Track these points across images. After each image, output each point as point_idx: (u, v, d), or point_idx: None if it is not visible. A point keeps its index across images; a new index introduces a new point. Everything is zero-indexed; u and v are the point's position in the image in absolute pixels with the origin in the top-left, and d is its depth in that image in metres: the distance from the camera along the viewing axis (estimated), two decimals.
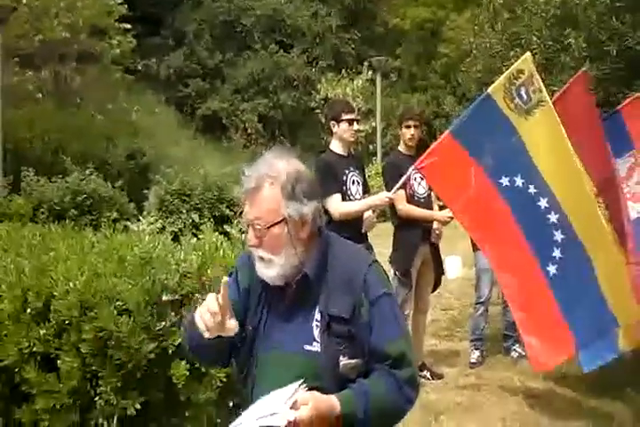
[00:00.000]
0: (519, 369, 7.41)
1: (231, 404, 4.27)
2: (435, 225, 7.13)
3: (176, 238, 5.30)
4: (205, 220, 13.98)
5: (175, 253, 4.45)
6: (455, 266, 12.23)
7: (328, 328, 2.68)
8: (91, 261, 4.38)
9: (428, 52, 39.10)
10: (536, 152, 5.93)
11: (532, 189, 5.95)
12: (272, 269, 2.71)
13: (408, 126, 7.22)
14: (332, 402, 2.55)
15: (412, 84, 40.49)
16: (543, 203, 5.93)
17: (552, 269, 5.91)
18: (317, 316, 2.72)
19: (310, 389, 2.56)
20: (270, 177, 2.68)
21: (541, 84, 5.95)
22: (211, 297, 2.57)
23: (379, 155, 29.37)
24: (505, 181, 6.00)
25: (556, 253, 5.91)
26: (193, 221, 14.22)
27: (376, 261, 2.88)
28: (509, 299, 6.32)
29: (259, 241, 2.70)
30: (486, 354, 8.00)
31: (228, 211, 14.72)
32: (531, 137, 5.94)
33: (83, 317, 4.06)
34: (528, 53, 6.12)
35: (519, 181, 5.99)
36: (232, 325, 2.60)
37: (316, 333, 2.71)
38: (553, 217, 5.91)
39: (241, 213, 2.81)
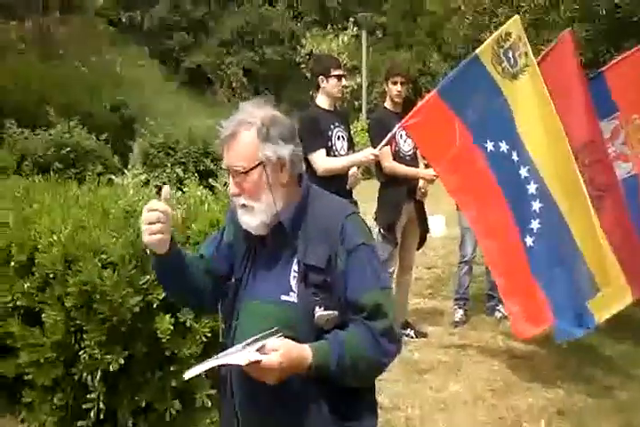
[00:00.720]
0: (502, 329, 7.45)
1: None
2: (420, 183, 7.11)
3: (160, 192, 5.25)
4: (190, 174, 13.94)
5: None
6: (439, 225, 12.24)
7: (305, 278, 2.66)
8: (75, 214, 4.34)
9: (414, 9, 38.78)
10: (520, 117, 5.94)
11: (514, 157, 5.97)
12: (254, 218, 2.70)
13: (395, 82, 7.16)
14: (304, 352, 2.53)
15: (397, 42, 40.33)
16: (523, 172, 5.96)
17: (529, 240, 5.96)
18: (295, 266, 2.70)
19: (285, 338, 2.54)
20: (246, 123, 2.67)
21: (528, 47, 5.91)
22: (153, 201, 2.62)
23: (364, 111, 29.35)
24: (490, 145, 5.99)
25: (534, 224, 5.95)
26: (177, 175, 14.14)
27: (356, 212, 2.83)
28: (491, 264, 6.37)
29: (239, 188, 2.69)
30: (470, 313, 8.04)
31: (212, 165, 14.64)
32: (516, 100, 5.93)
33: (67, 270, 4.03)
34: (517, 16, 6.09)
35: (504, 147, 5.99)
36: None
37: (294, 283, 2.69)
38: (532, 187, 5.93)
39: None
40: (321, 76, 6.38)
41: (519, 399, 6.08)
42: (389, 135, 6.15)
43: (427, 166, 7.16)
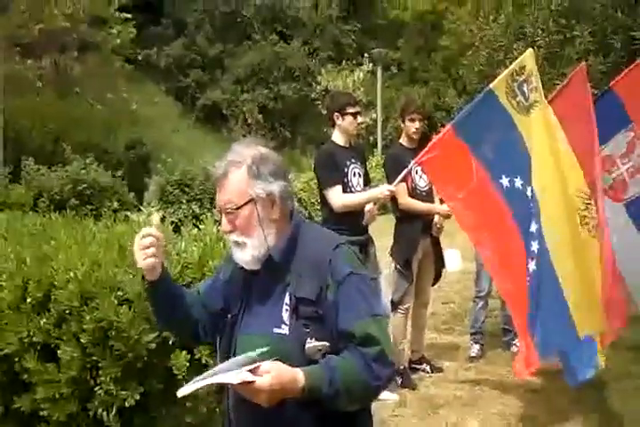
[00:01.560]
0: None
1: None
2: (435, 218, 7.12)
3: (176, 229, 5.27)
4: (205, 210, 14.01)
5: (176, 244, 4.44)
6: (454, 259, 12.17)
7: (296, 310, 2.71)
8: (91, 251, 4.37)
9: (429, 45, 39.07)
10: (533, 152, 5.90)
11: (529, 192, 5.91)
12: (246, 253, 2.78)
13: (412, 120, 7.17)
14: (297, 375, 2.54)
15: (412, 77, 40.55)
16: (532, 208, 5.92)
17: (529, 280, 5.81)
18: (287, 299, 2.75)
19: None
20: (236, 162, 2.76)
21: (539, 82, 5.91)
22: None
23: (379, 146, 29.41)
24: (505, 181, 5.95)
25: (531, 264, 5.83)
26: (193, 211, 14.24)
27: (344, 243, 2.89)
28: (512, 308, 6.19)
29: (232, 226, 2.77)
30: (486, 348, 8.01)
31: None
32: (529, 135, 5.91)
33: (83, 307, 4.04)
34: (530, 50, 6.09)
35: (518, 183, 5.94)
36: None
37: (285, 316, 2.74)
38: (533, 226, 5.86)
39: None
40: (336, 114, 6.45)
41: None
42: (405, 171, 6.17)
43: (442, 202, 7.15)
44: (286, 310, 2.74)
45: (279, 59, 38.25)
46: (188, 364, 4.01)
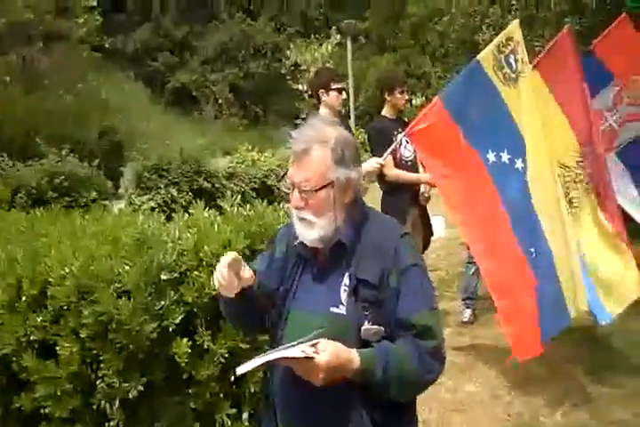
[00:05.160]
0: None
1: (233, 378, 4.25)
2: (422, 188, 7.12)
3: (168, 217, 5.22)
4: (184, 194, 13.98)
5: (170, 232, 4.40)
6: (439, 225, 12.21)
7: (355, 292, 2.72)
8: (84, 245, 4.32)
9: (396, 13, 38.95)
10: (521, 124, 5.87)
11: (518, 164, 5.86)
12: (313, 232, 2.78)
13: (402, 92, 7.23)
14: (352, 355, 2.58)
15: (381, 46, 40.48)
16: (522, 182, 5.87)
17: (533, 251, 5.78)
18: (346, 280, 2.76)
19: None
20: (320, 141, 2.73)
21: (525, 53, 5.89)
22: (223, 258, 2.76)
23: (352, 118, 29.35)
24: (491, 156, 5.92)
25: (525, 244, 5.77)
26: (171, 195, 14.16)
27: (408, 233, 2.91)
28: (491, 287, 6.05)
29: (304, 203, 2.76)
30: (478, 313, 8.03)
31: (206, 183, 14.68)
32: (517, 107, 5.87)
33: (81, 301, 4.01)
34: (517, 20, 6.07)
35: (505, 157, 5.90)
36: (247, 274, 2.81)
37: (344, 296, 2.75)
38: (523, 201, 5.84)
39: (283, 175, 2.87)
40: (321, 90, 6.51)
41: (535, 394, 6.12)
42: (394, 144, 6.18)
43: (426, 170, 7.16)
44: (344, 290, 2.75)
45: (247, 36, 38.14)
46: (190, 350, 3.99)
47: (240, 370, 2.54)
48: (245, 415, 4.30)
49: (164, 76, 38.19)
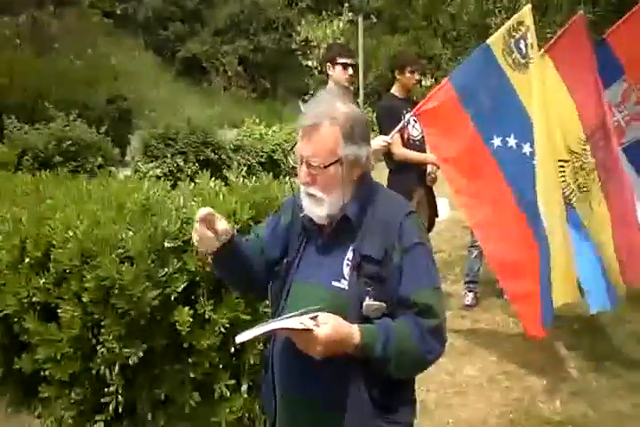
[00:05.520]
0: (514, 311, 7.42)
1: (233, 349, 4.26)
2: (429, 168, 7.10)
3: (173, 185, 5.21)
4: (190, 164, 13.97)
5: (175, 200, 4.39)
6: (443, 207, 12.18)
7: (358, 267, 2.71)
8: (89, 209, 4.31)
9: None
10: (530, 108, 5.83)
11: (526, 149, 5.84)
12: (321, 208, 2.77)
13: (412, 72, 7.23)
14: (352, 329, 2.58)
15: (392, 26, 40.18)
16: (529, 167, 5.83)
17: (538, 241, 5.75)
18: (350, 255, 2.75)
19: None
20: (330, 116, 2.71)
21: (535, 39, 5.85)
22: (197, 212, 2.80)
23: (361, 96, 29.21)
24: (497, 141, 5.91)
25: (534, 226, 5.77)
26: (178, 165, 14.15)
27: (415, 211, 2.90)
28: (497, 268, 6.15)
29: (312, 178, 2.75)
30: (480, 297, 8.04)
31: (213, 155, 14.66)
32: (526, 92, 5.84)
33: (84, 265, 4.00)
34: (529, 6, 6.02)
35: (512, 142, 5.89)
36: (222, 226, 2.82)
37: (346, 271, 2.74)
38: (531, 186, 5.79)
39: (291, 149, 2.86)
40: (328, 64, 6.45)
41: (534, 381, 6.14)
42: (402, 122, 6.18)
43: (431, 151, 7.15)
44: (347, 264, 2.74)
45: (258, 9, 37.88)
46: (191, 319, 3.99)
47: (239, 339, 2.53)
48: (244, 387, 4.32)
49: (174, 46, 38.03)
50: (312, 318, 2.50)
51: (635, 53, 6.83)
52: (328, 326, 2.49)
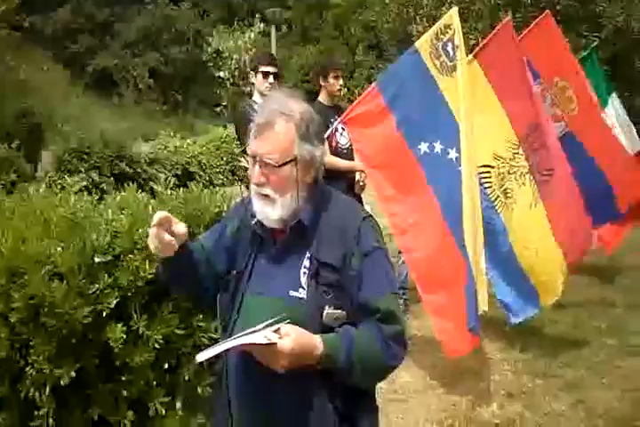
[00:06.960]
0: None
1: (167, 366, 4.15)
2: (357, 176, 7.09)
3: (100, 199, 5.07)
4: (105, 178, 13.82)
5: (102, 213, 4.26)
6: None
7: (316, 275, 2.64)
8: (14, 226, 4.14)
9: (320, 3, 39.01)
10: (457, 113, 5.84)
11: (452, 155, 5.83)
12: (275, 211, 2.68)
13: (337, 77, 7.20)
14: (315, 341, 2.51)
15: (304, 36, 40.49)
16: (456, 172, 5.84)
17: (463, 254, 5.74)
18: (306, 262, 2.68)
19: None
20: (284, 114, 2.64)
21: (462, 41, 5.87)
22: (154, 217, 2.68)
23: None
24: (424, 147, 5.90)
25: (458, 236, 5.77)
26: (93, 180, 13.98)
27: (371, 215, 2.84)
28: (417, 281, 6.10)
29: (265, 179, 2.66)
30: (410, 303, 8.03)
31: (128, 168, 14.55)
32: (455, 96, 5.85)
33: (10, 284, 3.84)
34: (455, 8, 6.06)
35: (438, 147, 5.89)
36: (181, 229, 2.72)
37: (304, 279, 2.67)
38: (458, 192, 5.80)
39: (242, 150, 2.79)
40: (252, 71, 6.47)
41: (469, 385, 6.18)
42: (330, 130, 6.14)
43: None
44: (304, 273, 2.66)
45: (169, 22, 37.71)
46: (124, 335, 3.87)
47: (200, 357, 2.45)
48: (179, 404, 4.21)
49: (84, 59, 37.55)
50: (275, 331, 2.43)
51: (544, 59, 7.00)
52: (291, 340, 2.42)
